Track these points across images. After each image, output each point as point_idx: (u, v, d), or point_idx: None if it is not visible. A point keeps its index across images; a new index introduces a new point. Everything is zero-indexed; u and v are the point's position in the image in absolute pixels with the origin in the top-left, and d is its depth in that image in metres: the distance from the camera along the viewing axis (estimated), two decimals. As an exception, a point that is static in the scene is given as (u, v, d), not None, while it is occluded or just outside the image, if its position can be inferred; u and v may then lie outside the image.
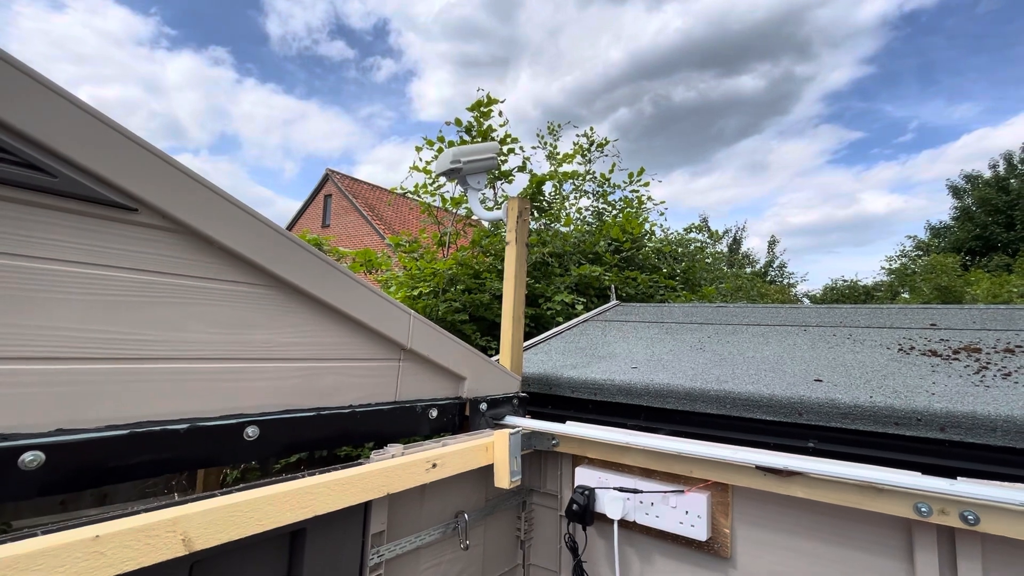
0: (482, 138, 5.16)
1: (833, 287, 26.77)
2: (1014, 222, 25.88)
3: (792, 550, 1.33)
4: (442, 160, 1.94)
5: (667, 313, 3.10)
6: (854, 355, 1.84)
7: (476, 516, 1.55)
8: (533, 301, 4.50)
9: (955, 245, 27.41)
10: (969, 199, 28.58)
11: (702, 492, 1.42)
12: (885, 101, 58.85)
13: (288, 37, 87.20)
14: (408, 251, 5.20)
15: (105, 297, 0.88)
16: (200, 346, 1.01)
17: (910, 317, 2.40)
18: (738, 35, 71.17)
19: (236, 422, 1.05)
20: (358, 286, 1.25)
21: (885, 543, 1.21)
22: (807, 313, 2.74)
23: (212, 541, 0.84)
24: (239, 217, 1.02)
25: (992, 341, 1.86)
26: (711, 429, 1.58)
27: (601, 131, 66.26)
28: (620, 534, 1.53)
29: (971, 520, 1.02)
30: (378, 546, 1.24)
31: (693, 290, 6.26)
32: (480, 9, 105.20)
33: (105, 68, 73.47)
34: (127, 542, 0.75)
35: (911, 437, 1.31)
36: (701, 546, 1.43)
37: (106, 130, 0.84)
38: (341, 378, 1.26)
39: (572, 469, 1.70)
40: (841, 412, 1.39)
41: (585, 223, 6.74)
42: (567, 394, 1.88)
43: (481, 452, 1.44)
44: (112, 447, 0.89)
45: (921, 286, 18.38)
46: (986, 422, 1.22)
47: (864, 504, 1.15)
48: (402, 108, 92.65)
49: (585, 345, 2.41)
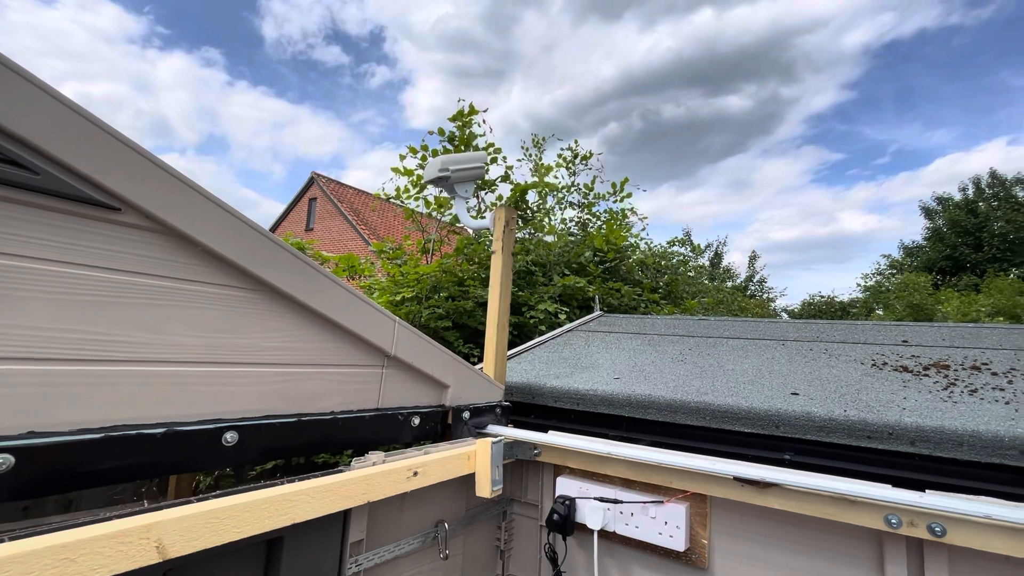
0: (464, 146, 5.23)
1: (811, 302, 27.36)
2: (982, 244, 26.82)
3: (768, 561, 1.35)
4: (431, 168, 1.95)
5: (650, 325, 3.14)
6: (830, 370, 1.89)
7: (456, 525, 1.54)
8: (516, 309, 4.51)
9: (927, 264, 28.27)
10: (940, 220, 29.57)
11: (681, 503, 1.43)
12: (865, 124, 60.90)
13: (283, 41, 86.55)
14: (391, 258, 5.19)
15: (85, 297, 0.87)
16: (181, 349, 0.99)
17: (883, 334, 2.47)
18: (727, 57, 73.05)
19: (214, 427, 1.03)
20: (343, 291, 1.25)
21: (857, 554, 1.24)
22: (785, 328, 2.80)
23: (187, 548, 0.83)
24: (224, 219, 1.02)
25: (960, 358, 1.93)
26: (691, 440, 1.60)
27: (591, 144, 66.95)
28: (600, 544, 1.53)
29: (938, 532, 1.05)
30: (357, 555, 1.23)
31: (676, 303, 6.35)
32: (477, 22, 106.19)
33: (93, 65, 72.35)
34: (99, 548, 0.73)
35: (883, 450, 1.35)
36: (679, 556, 1.44)
37: (91, 128, 0.83)
38: (324, 384, 1.24)
39: (553, 479, 1.70)
40: (816, 425, 1.43)
41: (569, 233, 6.80)
42: (550, 404, 1.89)
43: (463, 461, 1.44)
44: (85, 451, 0.87)
45: (895, 303, 18.91)
46: (953, 437, 1.26)
47: (837, 516, 1.18)
48: (394, 115, 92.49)
49: (569, 355, 2.42)
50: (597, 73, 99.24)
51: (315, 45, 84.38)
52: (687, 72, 79.80)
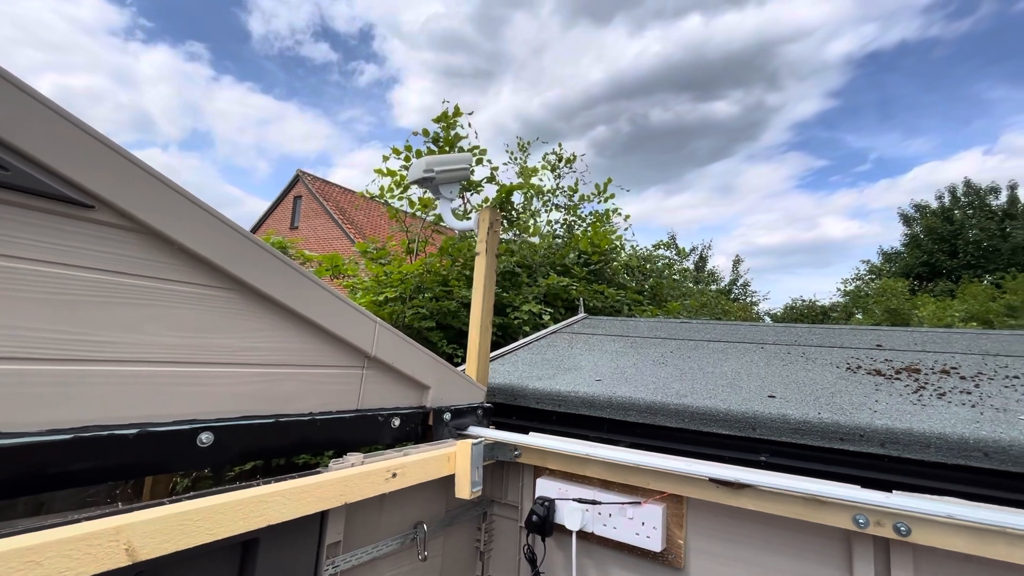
0: (449, 148, 5.24)
1: (793, 306, 27.83)
2: (957, 250, 27.53)
3: (742, 561, 1.37)
4: (415, 169, 1.95)
5: (633, 327, 3.17)
6: (806, 373, 1.93)
7: (436, 527, 1.54)
8: (501, 310, 4.52)
9: (905, 270, 28.92)
10: (918, 227, 30.27)
11: (658, 504, 1.45)
12: (847, 132, 62.14)
13: (270, 36, 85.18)
14: (374, 258, 5.16)
15: (56, 296, 0.85)
16: (156, 349, 0.98)
17: (859, 338, 2.53)
18: (714, 63, 73.96)
19: (189, 428, 1.02)
20: (324, 292, 1.24)
21: (827, 553, 1.27)
22: (765, 331, 2.85)
23: (158, 551, 0.82)
24: (202, 218, 1.01)
25: (931, 362, 1.98)
26: (670, 442, 1.62)
27: (579, 147, 67.06)
28: (578, 545, 1.55)
29: (903, 531, 1.08)
30: (333, 556, 1.22)
31: (659, 305, 6.41)
32: (467, 23, 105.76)
33: (73, 56, 70.13)
34: (66, 551, 0.72)
35: (854, 452, 1.38)
36: (656, 557, 1.46)
37: (64, 123, 0.82)
38: (302, 385, 1.24)
39: (534, 480, 1.71)
40: (791, 427, 1.46)
41: (555, 235, 6.83)
42: (532, 405, 1.89)
43: (443, 462, 1.44)
44: (54, 452, 0.85)
45: (873, 308, 19.32)
46: (921, 439, 1.30)
47: (808, 516, 1.20)
48: (382, 114, 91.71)
49: (552, 357, 2.44)
50: (586, 76, 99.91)
51: (303, 42, 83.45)
52: (675, 77, 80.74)
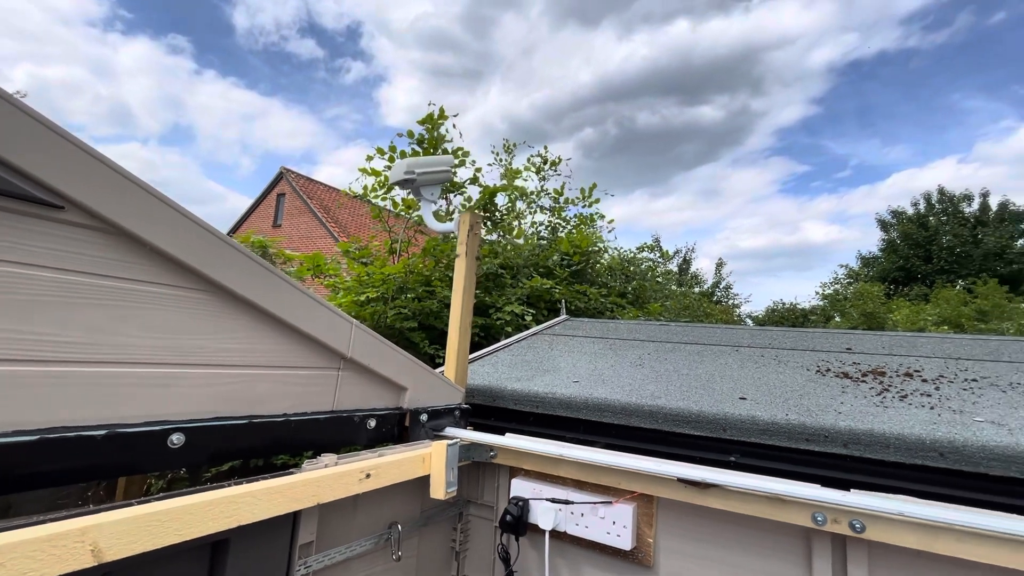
0: (433, 149, 5.25)
1: (775, 309, 28.29)
2: (931, 256, 28.26)
3: (709, 559, 1.41)
4: (396, 170, 1.95)
5: (612, 329, 3.21)
6: (777, 375, 1.98)
7: (411, 527, 1.55)
8: (484, 311, 4.53)
9: (882, 275, 29.59)
10: (894, 233, 31.01)
11: (629, 503, 1.48)
12: (829, 139, 63.39)
13: (255, 31, 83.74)
14: (356, 257, 5.14)
15: (24, 297, 0.85)
16: (127, 350, 0.98)
17: (830, 341, 2.60)
18: (700, 68, 74.75)
19: (159, 429, 1.02)
20: (299, 293, 1.25)
21: (789, 550, 1.31)
22: (740, 334, 2.91)
23: (125, 551, 0.82)
24: (174, 219, 1.01)
25: (896, 365, 2.05)
26: (644, 443, 1.66)
27: (567, 148, 67.23)
28: (551, 544, 1.57)
29: (858, 528, 1.13)
30: (306, 557, 1.23)
31: (641, 307, 6.48)
32: (456, 22, 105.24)
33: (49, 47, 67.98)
34: (30, 552, 0.72)
35: (818, 452, 1.42)
36: (626, 555, 1.49)
37: (31, 123, 0.82)
38: (276, 386, 1.24)
39: (509, 481, 1.73)
40: (760, 428, 1.50)
41: (540, 238, 6.87)
42: (510, 406, 1.91)
43: (418, 463, 1.45)
44: (20, 453, 0.85)
45: (851, 311, 19.72)
46: (881, 439, 1.35)
47: (771, 514, 1.24)
48: (369, 112, 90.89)
49: (532, 358, 2.46)
50: (575, 78, 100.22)
51: (289, 37, 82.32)
52: (662, 81, 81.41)
